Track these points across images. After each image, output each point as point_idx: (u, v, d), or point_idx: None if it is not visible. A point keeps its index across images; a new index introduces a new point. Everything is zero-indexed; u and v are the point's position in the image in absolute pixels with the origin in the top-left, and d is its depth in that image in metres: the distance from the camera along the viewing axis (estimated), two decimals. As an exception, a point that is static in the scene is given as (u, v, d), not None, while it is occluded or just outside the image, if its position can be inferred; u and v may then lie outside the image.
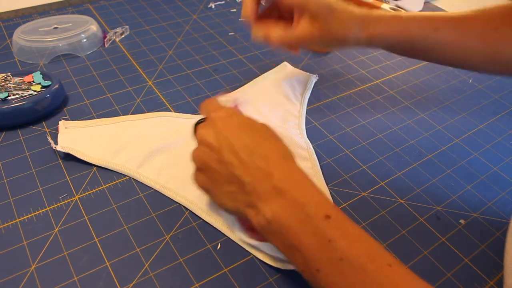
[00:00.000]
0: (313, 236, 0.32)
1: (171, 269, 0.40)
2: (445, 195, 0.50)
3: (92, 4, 0.81)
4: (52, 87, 0.55)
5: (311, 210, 0.33)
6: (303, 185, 0.35)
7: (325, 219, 0.32)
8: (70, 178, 0.48)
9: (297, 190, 0.34)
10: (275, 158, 0.36)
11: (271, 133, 0.39)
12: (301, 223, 0.33)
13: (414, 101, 0.64)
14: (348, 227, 0.33)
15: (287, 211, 0.34)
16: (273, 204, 0.34)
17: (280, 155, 0.37)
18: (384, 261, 0.31)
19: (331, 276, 0.31)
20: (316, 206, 0.33)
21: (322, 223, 0.32)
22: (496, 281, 0.42)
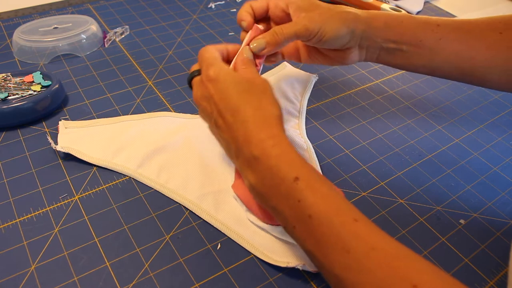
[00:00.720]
0: (286, 198, 0.35)
1: (171, 269, 0.40)
2: (445, 195, 0.50)
3: (92, 4, 0.81)
4: (52, 87, 0.55)
5: (283, 174, 0.35)
6: (277, 148, 0.36)
7: (294, 181, 0.34)
8: (70, 178, 0.48)
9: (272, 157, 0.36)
10: (255, 122, 0.38)
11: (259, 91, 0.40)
12: (275, 187, 0.35)
13: (414, 101, 0.64)
14: (316, 187, 0.35)
15: (264, 177, 0.36)
16: (253, 170, 0.37)
17: (261, 118, 0.38)
18: (350, 216, 0.33)
19: (303, 231, 0.34)
20: (287, 170, 0.35)
21: (292, 185, 0.34)
22: (496, 281, 0.42)
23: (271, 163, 0.36)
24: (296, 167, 0.35)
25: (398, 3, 0.85)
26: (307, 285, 0.40)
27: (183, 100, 0.60)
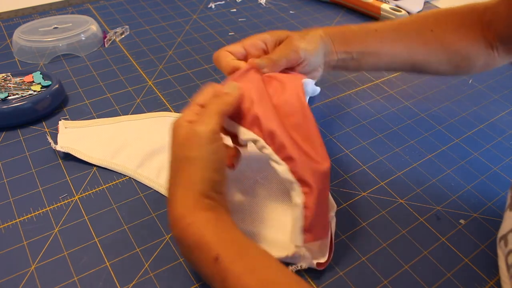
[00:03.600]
0: (212, 278, 0.34)
1: (171, 269, 0.40)
2: (445, 195, 0.50)
3: (92, 4, 0.81)
4: (52, 87, 0.55)
5: (203, 256, 0.34)
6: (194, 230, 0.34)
7: (215, 261, 0.33)
8: (70, 178, 0.48)
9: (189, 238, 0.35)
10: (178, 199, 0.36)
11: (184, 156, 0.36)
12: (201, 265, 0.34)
13: (414, 101, 0.64)
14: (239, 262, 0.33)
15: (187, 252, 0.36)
16: (180, 247, 0.37)
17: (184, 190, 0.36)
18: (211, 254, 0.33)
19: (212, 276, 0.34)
20: (209, 248, 0.34)
21: (214, 265, 0.33)
22: (496, 281, 0.42)
23: (191, 243, 0.35)
24: (216, 245, 0.34)
25: (398, 3, 0.85)
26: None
27: (183, 100, 0.60)
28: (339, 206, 0.47)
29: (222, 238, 0.34)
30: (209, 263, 0.33)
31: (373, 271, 0.41)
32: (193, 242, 0.34)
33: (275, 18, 0.82)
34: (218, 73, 0.66)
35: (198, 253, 0.34)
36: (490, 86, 0.69)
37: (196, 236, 0.34)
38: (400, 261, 0.42)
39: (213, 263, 0.33)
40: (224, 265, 0.33)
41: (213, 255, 0.33)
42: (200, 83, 0.63)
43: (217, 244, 0.34)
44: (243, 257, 0.34)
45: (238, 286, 0.32)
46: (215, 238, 0.34)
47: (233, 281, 0.32)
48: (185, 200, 0.36)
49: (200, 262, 0.34)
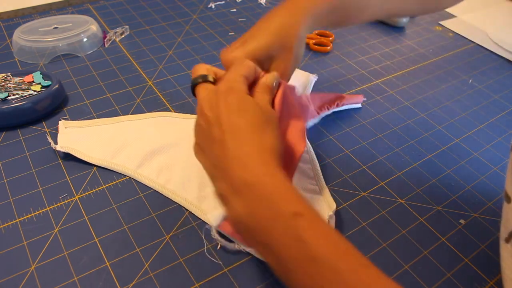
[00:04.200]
0: (283, 235, 0.30)
1: (171, 269, 0.40)
2: (445, 195, 0.50)
3: (92, 4, 0.81)
4: (52, 87, 0.55)
5: (281, 207, 0.31)
6: (274, 181, 0.33)
7: (294, 216, 0.31)
8: (70, 178, 0.48)
9: (268, 186, 0.32)
10: (254, 147, 0.34)
11: (266, 121, 0.37)
12: (270, 221, 0.31)
13: (414, 101, 0.64)
14: (319, 226, 0.31)
15: (256, 208, 0.32)
16: (243, 199, 0.33)
17: (261, 146, 0.35)
18: (357, 261, 0.30)
19: (303, 275, 0.30)
20: (286, 203, 0.31)
21: (291, 221, 0.30)
22: (496, 281, 0.42)
23: (267, 192, 0.32)
24: (296, 201, 0.32)
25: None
26: (307, 285, 0.40)
27: (183, 100, 0.60)
28: (339, 206, 0.47)
29: (302, 197, 0.32)
30: (286, 217, 0.31)
31: (373, 271, 0.41)
32: (273, 191, 0.32)
33: (275, 18, 0.82)
34: (218, 73, 0.66)
35: (274, 204, 0.31)
36: (490, 86, 0.69)
37: (276, 185, 0.32)
38: (400, 261, 0.42)
39: (292, 218, 0.30)
40: (305, 223, 0.30)
41: (294, 209, 0.31)
42: (200, 83, 0.63)
43: (296, 200, 0.32)
44: (322, 221, 0.31)
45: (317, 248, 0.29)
46: (294, 194, 0.32)
47: (313, 242, 0.30)
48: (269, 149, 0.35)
49: (272, 215, 0.31)
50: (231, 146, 0.34)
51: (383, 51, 0.75)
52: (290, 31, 0.44)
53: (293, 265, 0.30)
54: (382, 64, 0.72)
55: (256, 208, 0.32)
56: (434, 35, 0.82)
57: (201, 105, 0.38)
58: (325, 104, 0.58)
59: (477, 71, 0.72)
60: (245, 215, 0.32)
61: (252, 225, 0.32)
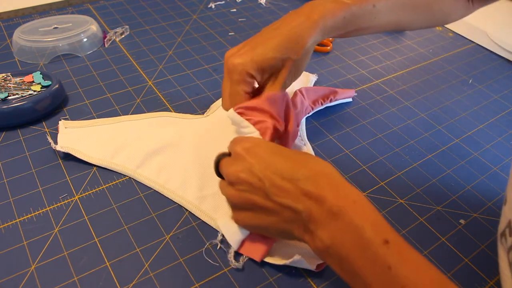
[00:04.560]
0: (373, 263, 0.30)
1: (171, 269, 0.40)
2: (445, 195, 0.50)
3: (92, 4, 0.81)
4: (52, 87, 0.55)
5: (369, 234, 0.31)
6: (359, 206, 0.33)
7: (384, 244, 0.30)
8: (70, 178, 0.48)
9: (354, 212, 0.32)
10: (321, 178, 0.34)
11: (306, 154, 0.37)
12: (359, 249, 0.31)
13: (414, 101, 0.64)
14: (408, 253, 0.31)
15: (344, 236, 0.32)
16: (330, 229, 0.32)
17: (325, 174, 0.34)
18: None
19: None
20: (374, 230, 0.31)
21: (381, 248, 0.30)
22: (496, 281, 0.42)
23: (356, 221, 0.31)
24: (383, 228, 0.31)
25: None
26: (307, 285, 0.40)
27: (183, 100, 0.60)
28: (339, 206, 0.47)
29: (386, 223, 0.32)
30: (375, 245, 0.30)
31: (373, 271, 0.41)
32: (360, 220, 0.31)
33: (275, 18, 0.82)
34: (218, 73, 0.66)
35: (362, 232, 0.31)
36: (490, 86, 0.69)
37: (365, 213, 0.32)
38: (400, 261, 0.42)
39: (381, 246, 0.30)
40: (395, 250, 0.30)
41: (383, 237, 0.30)
42: (200, 83, 0.63)
43: (385, 227, 0.32)
44: (409, 247, 0.31)
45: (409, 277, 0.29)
46: (382, 221, 0.32)
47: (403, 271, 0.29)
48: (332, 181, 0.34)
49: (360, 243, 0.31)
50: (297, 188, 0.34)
51: (383, 51, 0.75)
52: (299, 43, 0.44)
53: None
54: (382, 64, 0.72)
55: (344, 237, 0.32)
56: (434, 35, 0.82)
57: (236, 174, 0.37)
58: (319, 99, 0.58)
59: (477, 71, 0.72)
60: (334, 245, 0.32)
61: (342, 253, 0.32)
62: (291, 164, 0.35)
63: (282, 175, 0.35)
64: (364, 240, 0.31)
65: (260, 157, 0.36)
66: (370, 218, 0.32)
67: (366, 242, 0.31)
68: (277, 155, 0.36)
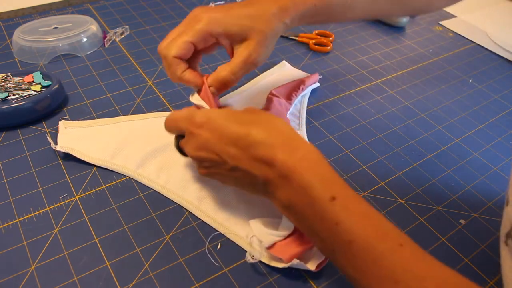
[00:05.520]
0: (322, 220, 0.32)
1: (171, 269, 0.40)
2: (445, 195, 0.50)
3: (92, 4, 0.81)
4: (52, 87, 0.55)
5: (317, 192, 0.32)
6: (308, 163, 0.34)
7: (330, 201, 0.31)
8: (70, 178, 0.48)
9: (302, 171, 0.33)
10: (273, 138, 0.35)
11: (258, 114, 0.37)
12: (309, 207, 0.32)
13: (414, 101, 0.64)
14: (355, 207, 0.32)
15: (297, 195, 0.33)
16: (285, 190, 0.34)
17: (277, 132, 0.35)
18: (395, 241, 0.31)
19: (344, 257, 0.31)
20: (321, 187, 0.32)
21: (328, 205, 0.32)
22: (496, 281, 0.42)
23: (304, 180, 0.33)
24: (330, 185, 0.33)
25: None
26: (307, 285, 0.40)
27: (183, 100, 0.60)
28: (339, 206, 0.47)
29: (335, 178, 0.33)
30: (322, 202, 0.32)
31: (373, 271, 0.41)
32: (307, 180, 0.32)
33: (275, 18, 0.82)
34: (218, 73, 0.66)
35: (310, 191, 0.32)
36: (490, 86, 0.69)
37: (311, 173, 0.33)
38: (400, 261, 0.42)
39: (328, 203, 0.32)
40: (340, 206, 0.31)
41: (329, 194, 0.32)
42: (200, 83, 0.63)
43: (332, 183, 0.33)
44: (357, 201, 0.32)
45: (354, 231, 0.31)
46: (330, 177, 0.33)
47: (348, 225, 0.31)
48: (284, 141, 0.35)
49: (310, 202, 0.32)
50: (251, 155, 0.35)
51: (383, 51, 0.75)
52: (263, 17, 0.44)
53: (334, 247, 0.32)
54: (382, 64, 0.72)
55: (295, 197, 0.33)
56: (434, 35, 0.82)
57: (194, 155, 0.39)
58: (292, 92, 0.58)
59: (477, 71, 0.72)
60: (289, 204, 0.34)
61: (295, 211, 0.34)
62: (244, 129, 0.36)
63: (236, 144, 0.36)
64: (312, 198, 0.32)
65: (212, 129, 0.37)
66: (318, 175, 0.33)
67: (314, 201, 0.32)
68: (229, 121, 0.37)
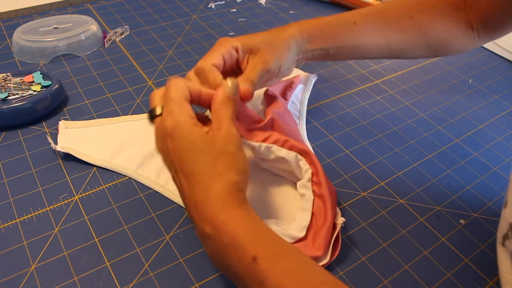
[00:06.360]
0: (247, 279, 0.32)
1: (171, 269, 0.40)
2: (445, 195, 0.50)
3: (92, 4, 0.81)
4: (52, 87, 0.55)
5: (239, 254, 0.32)
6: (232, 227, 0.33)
7: (253, 261, 0.31)
8: (70, 178, 0.48)
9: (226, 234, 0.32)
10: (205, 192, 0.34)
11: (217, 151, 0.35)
12: (233, 266, 0.32)
13: (414, 101, 0.64)
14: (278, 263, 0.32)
15: (219, 255, 0.33)
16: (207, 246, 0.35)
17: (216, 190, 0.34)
18: None
19: None
20: (243, 248, 0.32)
21: (251, 265, 0.31)
22: (496, 281, 0.42)
23: (225, 241, 0.32)
24: (253, 244, 0.32)
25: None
26: (307, 285, 0.40)
27: (183, 100, 0.60)
28: (339, 206, 0.47)
29: (258, 238, 0.33)
30: (245, 263, 0.32)
31: (373, 271, 0.41)
32: (229, 241, 0.32)
33: (275, 18, 0.82)
34: (218, 73, 0.66)
35: (232, 252, 0.32)
36: (490, 86, 0.69)
37: (231, 234, 0.32)
38: (400, 261, 0.42)
39: (250, 264, 0.31)
40: (262, 266, 0.31)
41: (250, 255, 0.31)
42: (200, 83, 0.63)
43: (254, 244, 0.32)
44: (282, 258, 0.32)
45: None
46: (252, 237, 0.32)
47: (273, 283, 0.30)
48: (220, 194, 0.34)
49: (234, 263, 0.32)
50: (188, 192, 0.35)
51: (383, 51, 0.75)
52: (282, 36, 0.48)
53: None
54: (382, 64, 0.72)
55: (219, 255, 0.34)
56: (434, 35, 0.82)
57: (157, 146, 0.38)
58: (286, 90, 0.58)
59: (477, 71, 0.72)
60: (214, 260, 0.35)
61: (221, 268, 0.35)
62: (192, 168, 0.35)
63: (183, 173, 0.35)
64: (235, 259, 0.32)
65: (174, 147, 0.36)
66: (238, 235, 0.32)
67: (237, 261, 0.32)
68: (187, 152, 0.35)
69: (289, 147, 0.45)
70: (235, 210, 0.34)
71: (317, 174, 0.44)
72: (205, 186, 0.34)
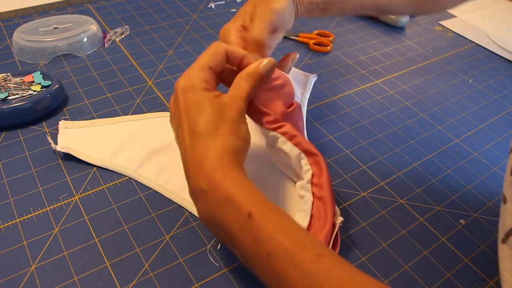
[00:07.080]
0: (241, 235, 0.33)
1: (171, 269, 0.40)
2: (445, 195, 0.50)
3: (92, 4, 0.81)
4: (52, 87, 0.55)
5: (235, 210, 0.33)
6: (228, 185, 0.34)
7: (248, 217, 0.32)
8: (70, 178, 0.48)
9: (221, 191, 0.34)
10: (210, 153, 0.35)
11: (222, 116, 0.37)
12: (228, 223, 0.33)
13: (414, 101, 0.64)
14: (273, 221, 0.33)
15: (213, 212, 0.34)
16: (201, 203, 0.35)
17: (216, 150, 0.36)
18: (313, 251, 0.31)
19: (264, 271, 0.32)
20: (239, 206, 0.33)
21: (246, 222, 0.32)
22: (496, 281, 0.42)
23: (221, 198, 0.34)
24: (248, 202, 0.33)
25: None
26: (307, 285, 0.40)
27: (183, 100, 0.60)
28: (339, 206, 0.47)
29: (253, 197, 0.34)
30: (240, 220, 0.33)
31: (373, 271, 0.41)
32: (224, 198, 0.33)
33: (275, 18, 0.82)
34: (218, 73, 0.66)
35: (228, 209, 0.33)
36: (490, 86, 0.69)
37: (228, 191, 0.33)
38: (400, 261, 0.42)
39: (246, 219, 0.32)
40: (257, 222, 0.32)
41: (246, 212, 0.32)
42: (200, 83, 0.63)
43: (249, 201, 0.33)
44: (276, 216, 0.33)
45: (272, 244, 0.31)
46: (247, 196, 0.34)
47: (266, 238, 0.31)
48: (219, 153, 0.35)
49: (228, 219, 0.33)
50: (189, 148, 0.37)
51: (383, 51, 0.75)
52: None
53: (255, 260, 0.33)
54: (382, 64, 0.72)
55: (213, 213, 0.34)
56: (434, 35, 0.82)
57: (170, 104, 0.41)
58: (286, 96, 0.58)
59: (477, 71, 0.72)
60: (206, 218, 0.35)
61: (213, 226, 0.35)
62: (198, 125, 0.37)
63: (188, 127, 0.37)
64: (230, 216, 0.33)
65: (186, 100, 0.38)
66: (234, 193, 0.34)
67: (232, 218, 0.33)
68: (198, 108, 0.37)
69: (295, 143, 0.44)
70: (232, 170, 0.35)
71: (320, 175, 0.43)
72: (206, 145, 0.36)
